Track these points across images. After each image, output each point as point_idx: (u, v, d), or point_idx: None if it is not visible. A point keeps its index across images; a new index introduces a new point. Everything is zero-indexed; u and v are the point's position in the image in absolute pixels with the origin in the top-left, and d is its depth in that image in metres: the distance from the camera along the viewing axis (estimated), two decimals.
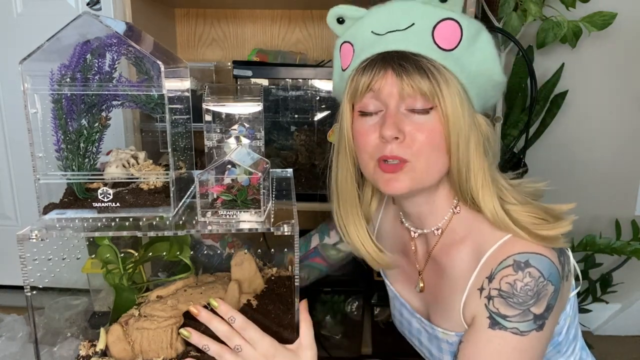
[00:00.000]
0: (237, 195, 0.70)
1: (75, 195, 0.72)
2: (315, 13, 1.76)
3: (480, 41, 0.72)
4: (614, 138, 1.73)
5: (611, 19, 1.40)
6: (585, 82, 1.67)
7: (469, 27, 0.71)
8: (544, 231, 0.70)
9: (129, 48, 0.71)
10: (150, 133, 1.37)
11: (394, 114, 0.71)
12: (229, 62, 1.66)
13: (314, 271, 1.01)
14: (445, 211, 0.79)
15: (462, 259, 0.76)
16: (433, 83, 0.68)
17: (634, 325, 1.87)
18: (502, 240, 0.72)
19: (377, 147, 0.73)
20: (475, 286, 0.73)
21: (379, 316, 1.59)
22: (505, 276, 0.70)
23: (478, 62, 0.72)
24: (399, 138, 0.70)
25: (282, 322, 0.79)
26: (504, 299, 0.69)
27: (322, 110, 1.44)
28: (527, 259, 0.69)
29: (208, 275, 0.86)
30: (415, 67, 0.69)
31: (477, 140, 0.72)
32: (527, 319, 0.69)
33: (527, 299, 0.69)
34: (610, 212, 1.74)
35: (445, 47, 0.70)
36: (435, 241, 0.81)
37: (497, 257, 0.71)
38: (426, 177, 0.73)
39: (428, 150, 0.71)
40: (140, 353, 0.73)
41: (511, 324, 0.69)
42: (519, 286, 0.68)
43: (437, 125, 0.70)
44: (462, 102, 0.70)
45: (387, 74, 0.70)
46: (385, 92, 0.71)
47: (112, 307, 0.82)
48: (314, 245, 1.00)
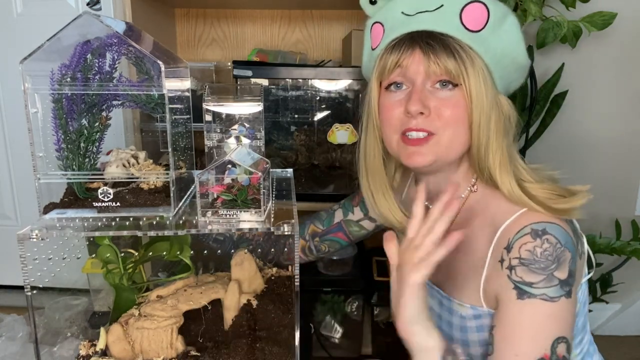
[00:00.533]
0: (237, 195, 0.70)
1: (76, 195, 0.72)
2: (315, 13, 1.76)
3: (506, 24, 0.75)
4: (614, 138, 1.72)
5: (611, 19, 1.40)
6: (585, 82, 1.67)
7: (496, 10, 0.74)
8: (560, 205, 0.73)
9: (129, 48, 0.71)
10: (151, 133, 1.37)
11: (420, 90, 0.74)
12: (229, 62, 1.66)
13: (334, 244, 1.06)
14: (463, 189, 0.82)
15: (478, 233, 0.78)
16: (459, 62, 0.72)
17: (634, 325, 1.87)
18: (518, 213, 0.74)
19: (401, 121, 0.76)
20: (495, 258, 0.74)
21: (379, 316, 1.59)
22: (524, 244, 0.71)
23: (503, 44, 0.75)
24: (424, 113, 0.73)
25: (282, 322, 0.79)
26: (525, 266, 0.70)
27: (322, 110, 1.44)
28: (544, 227, 0.71)
29: (208, 275, 0.87)
30: (442, 46, 0.72)
31: (497, 119, 0.75)
32: (553, 284, 0.69)
33: (548, 264, 0.69)
34: (610, 212, 1.74)
35: (472, 28, 0.73)
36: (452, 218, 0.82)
37: (513, 228, 0.73)
38: (449, 151, 0.76)
39: (453, 124, 0.74)
40: (140, 353, 0.73)
41: (539, 290, 0.69)
42: (539, 252, 0.70)
43: (461, 102, 0.74)
44: (485, 81, 0.74)
45: (415, 52, 0.73)
46: (412, 69, 0.74)
47: (112, 307, 0.82)
48: (337, 220, 1.04)
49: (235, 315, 0.78)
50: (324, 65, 1.58)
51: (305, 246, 1.06)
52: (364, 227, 1.03)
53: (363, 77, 0.88)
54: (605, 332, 1.88)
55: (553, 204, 0.73)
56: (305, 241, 1.06)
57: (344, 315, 1.60)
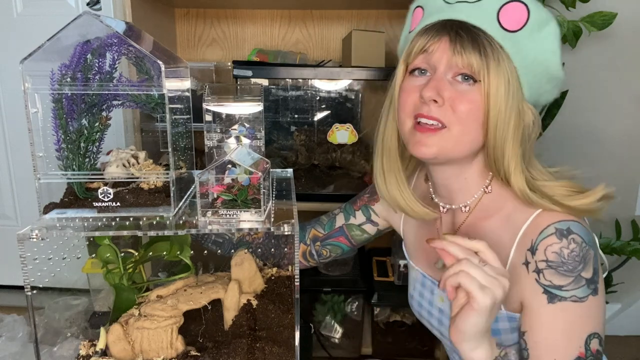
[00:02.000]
0: (237, 195, 0.70)
1: (76, 195, 0.72)
2: (315, 13, 1.76)
3: (545, 31, 0.73)
4: (613, 138, 1.72)
5: (611, 19, 1.40)
6: (585, 82, 1.67)
7: (538, 14, 0.72)
8: (577, 201, 0.72)
9: (130, 48, 0.71)
10: (151, 133, 1.37)
11: (439, 78, 0.73)
12: (229, 62, 1.66)
13: (336, 249, 1.03)
14: (476, 189, 0.80)
15: (493, 233, 0.77)
16: (482, 58, 0.70)
17: (634, 325, 1.87)
18: (536, 212, 0.73)
19: (415, 105, 0.74)
20: (518, 261, 0.73)
21: (379, 316, 1.59)
22: (549, 245, 0.70)
23: (537, 50, 0.73)
24: (437, 102, 0.72)
25: (282, 322, 0.79)
26: (554, 269, 0.69)
27: (322, 110, 1.44)
28: (568, 226, 0.70)
29: (208, 275, 0.87)
30: (471, 38, 0.70)
31: (516, 125, 0.73)
32: (580, 284, 0.69)
33: (576, 265, 0.69)
34: (610, 212, 1.74)
35: (508, 27, 0.71)
36: (463, 219, 0.81)
37: (536, 228, 0.72)
38: (456, 147, 0.74)
39: (465, 120, 0.72)
40: (140, 353, 0.73)
41: (568, 292, 0.69)
42: (566, 253, 0.69)
43: (478, 99, 0.72)
44: (508, 84, 0.71)
45: (443, 39, 0.72)
46: (436, 56, 0.73)
47: (112, 307, 0.82)
48: (339, 224, 1.02)
49: (235, 315, 0.78)
50: (324, 65, 1.58)
51: (306, 251, 1.04)
52: (366, 231, 1.01)
53: (363, 78, 0.87)
54: (605, 332, 1.88)
55: (569, 201, 0.72)
56: (306, 245, 1.04)
57: (344, 315, 1.60)
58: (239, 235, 0.96)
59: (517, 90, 0.73)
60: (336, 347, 1.61)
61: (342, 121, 1.40)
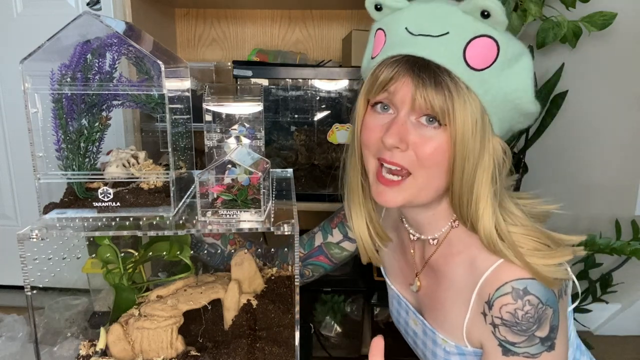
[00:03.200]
0: (237, 195, 0.70)
1: (76, 195, 0.72)
2: (315, 13, 1.76)
3: (517, 67, 0.69)
4: (614, 138, 1.72)
5: (611, 19, 1.40)
6: (585, 82, 1.67)
7: (508, 49, 0.67)
8: (542, 259, 0.69)
9: (129, 48, 0.71)
10: (151, 133, 1.37)
11: (402, 122, 0.69)
12: (229, 62, 1.66)
13: (318, 269, 1.01)
14: (444, 223, 0.78)
15: (460, 273, 0.75)
16: (447, 101, 0.65)
17: (634, 325, 1.87)
18: (498, 263, 0.71)
19: (378, 147, 0.72)
20: (477, 310, 0.73)
21: (379, 316, 1.59)
22: (504, 305, 0.69)
23: (508, 88, 0.68)
24: (399, 148, 0.69)
25: (282, 322, 0.79)
26: (508, 327, 0.69)
27: (322, 110, 1.44)
28: (525, 286, 0.68)
29: (208, 275, 0.87)
30: (434, 81, 0.65)
31: (486, 166, 0.69)
32: (534, 343, 0.69)
33: (530, 326, 0.68)
34: (610, 212, 1.74)
35: (475, 66, 0.66)
36: (432, 251, 0.80)
37: (494, 282, 0.70)
38: (422, 194, 0.72)
39: (430, 166, 0.69)
40: (140, 353, 0.73)
41: (521, 349, 0.69)
42: (520, 315, 0.68)
43: (444, 143, 0.68)
44: (475, 125, 0.67)
45: (405, 79, 0.67)
46: (399, 97, 0.69)
47: (112, 307, 0.82)
48: (317, 243, 1.00)
49: (235, 315, 0.78)
50: (324, 65, 1.58)
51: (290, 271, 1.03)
52: (345, 249, 0.98)
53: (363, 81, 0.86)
54: (605, 332, 1.88)
55: (534, 259, 0.69)
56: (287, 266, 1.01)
57: (344, 315, 1.60)
58: (231, 249, 0.96)
59: (485, 128, 0.68)
60: (336, 347, 1.61)
61: (342, 121, 1.40)
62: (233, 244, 0.97)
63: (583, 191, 1.76)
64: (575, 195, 1.74)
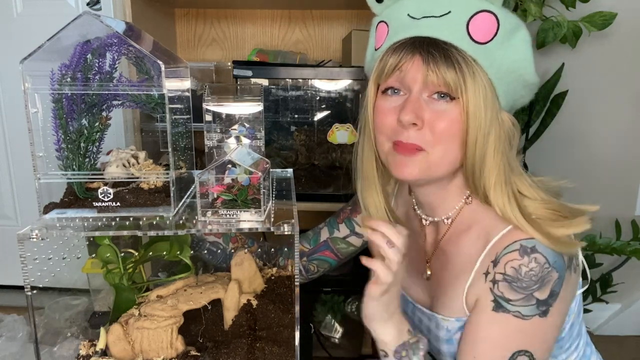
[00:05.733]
0: (237, 195, 0.70)
1: (76, 195, 0.72)
2: (315, 13, 1.76)
3: (516, 38, 0.71)
4: (614, 138, 1.72)
5: (611, 19, 1.40)
6: (585, 82, 1.67)
7: (507, 22, 0.70)
8: (558, 229, 0.70)
9: (130, 48, 0.71)
10: (151, 133, 1.37)
11: (415, 99, 0.71)
12: (229, 62, 1.66)
13: (323, 264, 1.02)
14: (457, 201, 0.80)
15: (469, 245, 0.77)
16: (458, 75, 0.68)
17: (634, 325, 1.87)
18: (508, 228, 0.72)
19: (394, 129, 0.73)
20: (481, 271, 0.74)
21: None
22: (510, 260, 0.70)
23: (510, 59, 0.71)
24: (417, 125, 0.70)
25: (282, 322, 0.79)
26: (508, 283, 0.70)
27: (322, 110, 1.44)
28: (533, 245, 0.69)
29: (208, 275, 0.87)
30: (444, 56, 0.68)
31: (497, 137, 0.71)
32: (530, 303, 0.69)
33: (530, 284, 0.69)
34: (610, 212, 1.74)
35: (479, 39, 0.69)
36: (445, 230, 0.81)
37: (503, 242, 0.72)
38: (438, 168, 0.74)
39: (445, 140, 0.71)
40: (140, 353, 0.73)
41: (514, 307, 0.70)
42: (524, 271, 0.69)
43: (457, 116, 0.70)
44: (486, 97, 0.70)
45: (415, 58, 0.70)
46: (410, 76, 0.71)
47: (112, 307, 0.82)
48: (323, 238, 1.01)
49: (235, 315, 0.78)
50: (324, 65, 1.58)
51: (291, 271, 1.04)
52: (352, 244, 1.00)
53: (363, 77, 0.87)
54: (605, 332, 1.88)
55: (550, 226, 0.70)
56: None
57: (344, 315, 1.60)
58: (233, 247, 0.96)
59: (493, 101, 0.71)
60: (336, 347, 1.61)
61: (342, 121, 1.40)
62: (235, 241, 0.97)
63: (583, 191, 1.76)
64: (576, 195, 1.74)
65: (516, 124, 0.75)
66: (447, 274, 0.80)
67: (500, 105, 0.73)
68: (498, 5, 0.70)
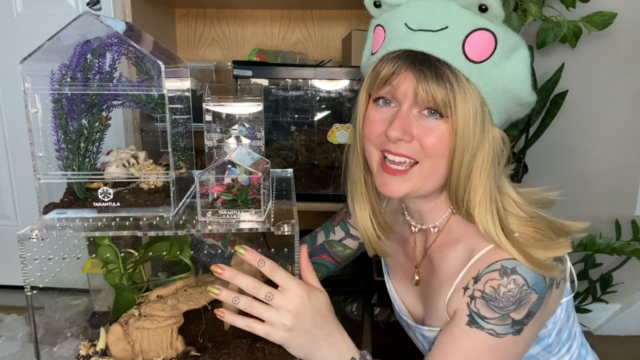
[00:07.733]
0: (237, 195, 0.70)
1: (76, 195, 0.72)
2: (315, 13, 1.76)
3: (514, 58, 0.70)
4: (614, 138, 1.72)
5: (611, 19, 1.40)
6: (585, 82, 1.67)
7: (505, 42, 0.69)
8: (539, 250, 0.70)
9: (129, 48, 0.71)
10: (151, 133, 1.37)
11: (405, 115, 0.70)
12: (229, 62, 1.66)
13: (321, 268, 1.01)
14: (445, 210, 0.80)
15: (454, 257, 0.77)
16: (449, 94, 0.67)
17: (634, 325, 1.87)
18: (492, 245, 0.72)
19: (381, 140, 0.73)
20: (461, 285, 0.74)
21: (379, 316, 1.59)
22: (490, 280, 0.70)
23: (506, 79, 0.70)
24: (403, 140, 0.70)
25: None
26: (485, 301, 0.70)
27: (322, 110, 1.44)
28: (514, 266, 0.69)
29: (208, 275, 0.86)
30: (435, 74, 0.67)
31: (485, 156, 0.70)
32: (505, 322, 0.69)
33: (507, 305, 0.69)
34: (610, 212, 1.74)
35: (474, 58, 0.68)
36: (433, 239, 0.82)
37: (486, 260, 0.71)
38: (426, 183, 0.73)
39: (433, 156, 0.71)
40: (140, 353, 0.73)
41: (488, 325, 0.70)
42: (502, 291, 0.69)
43: (446, 134, 0.69)
44: (476, 116, 0.68)
45: (407, 74, 0.69)
46: (401, 90, 0.70)
47: (112, 307, 0.82)
48: (320, 242, 1.01)
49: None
50: (324, 65, 1.58)
51: (291, 272, 1.03)
52: (348, 247, 1.00)
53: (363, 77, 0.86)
54: (605, 332, 1.88)
55: (533, 248, 0.70)
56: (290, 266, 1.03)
57: (344, 315, 1.60)
58: (232, 250, 0.96)
59: (484, 120, 0.70)
60: None
61: (342, 121, 1.40)
62: (234, 245, 0.97)
63: (583, 191, 1.76)
64: (576, 195, 1.74)
65: (506, 140, 0.74)
66: (433, 282, 0.80)
67: (493, 122, 0.72)
68: (498, 24, 0.69)
